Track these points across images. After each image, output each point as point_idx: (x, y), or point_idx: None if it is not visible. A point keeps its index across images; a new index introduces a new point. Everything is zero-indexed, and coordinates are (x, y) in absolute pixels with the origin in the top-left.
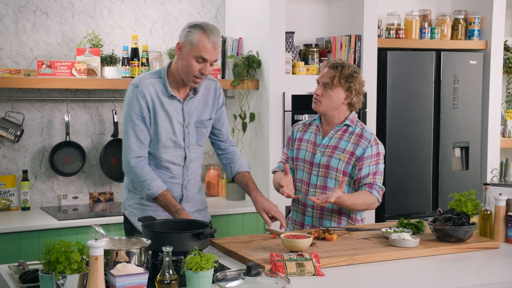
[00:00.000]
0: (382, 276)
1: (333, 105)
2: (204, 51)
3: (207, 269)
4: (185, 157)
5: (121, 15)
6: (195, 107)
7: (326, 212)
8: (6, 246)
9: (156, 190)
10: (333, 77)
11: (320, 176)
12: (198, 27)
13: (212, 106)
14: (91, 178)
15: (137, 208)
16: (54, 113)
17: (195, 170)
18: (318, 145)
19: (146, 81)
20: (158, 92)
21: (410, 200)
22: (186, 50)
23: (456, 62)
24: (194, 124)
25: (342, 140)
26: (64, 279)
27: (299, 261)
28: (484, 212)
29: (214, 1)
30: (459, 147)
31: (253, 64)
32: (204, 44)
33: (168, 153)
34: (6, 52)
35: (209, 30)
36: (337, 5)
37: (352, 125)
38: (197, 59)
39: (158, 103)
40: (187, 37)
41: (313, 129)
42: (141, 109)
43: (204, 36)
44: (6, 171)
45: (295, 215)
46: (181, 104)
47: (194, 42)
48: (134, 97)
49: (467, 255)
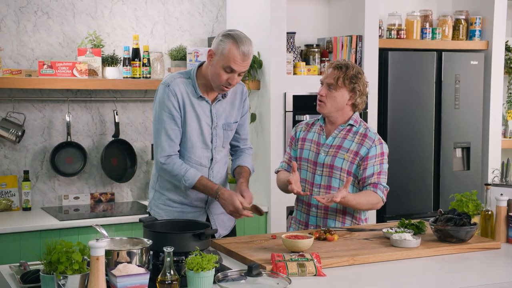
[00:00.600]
0: (384, 277)
1: (337, 106)
2: (233, 62)
3: (208, 269)
4: (212, 158)
5: (122, 15)
6: (222, 109)
7: (331, 212)
8: (7, 247)
9: (192, 179)
10: (338, 78)
11: (324, 176)
12: (230, 37)
13: (238, 109)
14: (92, 179)
15: (163, 209)
16: (55, 113)
17: (219, 171)
18: (322, 145)
19: (177, 80)
20: (188, 92)
21: (411, 201)
22: (216, 58)
23: (457, 63)
24: (222, 127)
25: (346, 139)
26: (65, 279)
27: (300, 262)
28: (485, 212)
29: (215, 1)
30: (460, 148)
31: (254, 65)
32: (234, 55)
33: (196, 153)
34: (7, 52)
35: (241, 41)
36: (338, 6)
37: (356, 124)
38: (225, 69)
39: (188, 102)
40: (218, 45)
41: (316, 128)
42: (172, 107)
43: (235, 47)
44: (7, 172)
45: (299, 214)
46: (209, 105)
47: (224, 52)
48: (166, 96)
49: (468, 256)
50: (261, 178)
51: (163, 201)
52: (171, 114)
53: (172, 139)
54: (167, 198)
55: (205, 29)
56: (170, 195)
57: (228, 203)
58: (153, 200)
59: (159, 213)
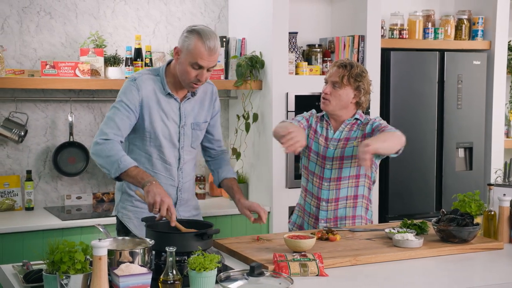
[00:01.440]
0: (386, 277)
1: (341, 104)
2: (200, 58)
3: (211, 269)
4: (179, 158)
5: (124, 15)
6: (191, 108)
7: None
8: (10, 246)
9: (128, 163)
10: (343, 76)
11: (334, 169)
12: (195, 33)
13: (207, 110)
14: (94, 179)
15: (131, 211)
16: (57, 113)
17: (189, 173)
18: (329, 139)
19: (145, 76)
20: (155, 89)
21: (414, 201)
22: (182, 56)
23: (459, 63)
24: (190, 126)
25: (352, 131)
26: (68, 279)
27: (303, 262)
28: (488, 212)
29: (217, 1)
30: (462, 148)
31: (256, 65)
32: (200, 51)
33: (165, 152)
34: (10, 52)
35: (206, 36)
36: (341, 6)
37: (361, 118)
38: (192, 65)
39: (155, 100)
40: (184, 42)
41: (323, 124)
42: (132, 101)
43: (200, 42)
44: (10, 171)
45: (308, 206)
46: (178, 103)
47: (190, 48)
48: (128, 89)
49: (471, 256)
50: (264, 178)
51: (132, 203)
52: (127, 106)
53: (119, 129)
54: (136, 199)
55: None
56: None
57: (157, 194)
58: (120, 203)
59: (127, 215)
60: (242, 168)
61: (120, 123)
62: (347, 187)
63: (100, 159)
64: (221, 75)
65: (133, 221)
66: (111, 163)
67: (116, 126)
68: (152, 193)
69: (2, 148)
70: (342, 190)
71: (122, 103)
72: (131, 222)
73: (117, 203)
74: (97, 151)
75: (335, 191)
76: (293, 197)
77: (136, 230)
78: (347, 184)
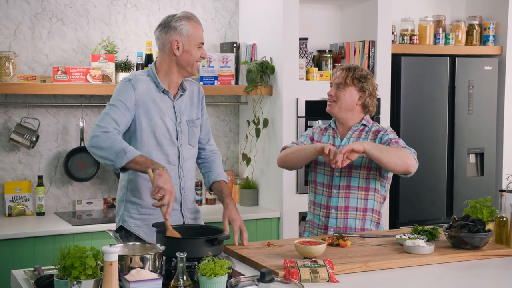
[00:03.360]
0: (396, 283)
1: (347, 105)
2: (200, 36)
3: (221, 275)
4: (179, 155)
5: (135, 21)
6: (184, 105)
7: (351, 212)
8: (22, 251)
9: (134, 152)
10: (346, 77)
11: (343, 177)
12: (184, 19)
13: (197, 107)
14: (105, 184)
15: (138, 219)
16: (69, 119)
17: (189, 172)
18: (337, 147)
19: (139, 77)
20: (150, 89)
21: (425, 207)
22: (185, 43)
23: (470, 68)
24: (186, 123)
25: (360, 138)
26: (79, 284)
27: (313, 268)
28: (499, 219)
29: (228, 7)
30: (474, 153)
31: (266, 70)
32: (199, 30)
33: (164, 150)
34: (22, 58)
35: (192, 16)
36: (351, 11)
37: (369, 124)
38: (198, 46)
39: (151, 99)
40: (180, 32)
41: (329, 132)
42: (128, 99)
43: (194, 23)
44: (22, 177)
45: (317, 218)
46: (172, 101)
47: (190, 32)
48: (124, 89)
49: (482, 263)
50: (274, 183)
51: (138, 210)
52: (124, 104)
53: (117, 123)
54: (142, 206)
55: (217, 35)
56: (144, 202)
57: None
58: (125, 212)
59: (135, 223)
60: (252, 173)
61: (117, 118)
62: (356, 198)
63: (101, 151)
64: (231, 80)
65: (142, 229)
66: (115, 153)
67: (113, 120)
68: (163, 178)
69: (14, 154)
70: (352, 199)
71: (119, 101)
72: (141, 230)
73: (121, 214)
74: (97, 143)
75: (344, 199)
76: (303, 203)
77: (147, 237)
78: (356, 195)
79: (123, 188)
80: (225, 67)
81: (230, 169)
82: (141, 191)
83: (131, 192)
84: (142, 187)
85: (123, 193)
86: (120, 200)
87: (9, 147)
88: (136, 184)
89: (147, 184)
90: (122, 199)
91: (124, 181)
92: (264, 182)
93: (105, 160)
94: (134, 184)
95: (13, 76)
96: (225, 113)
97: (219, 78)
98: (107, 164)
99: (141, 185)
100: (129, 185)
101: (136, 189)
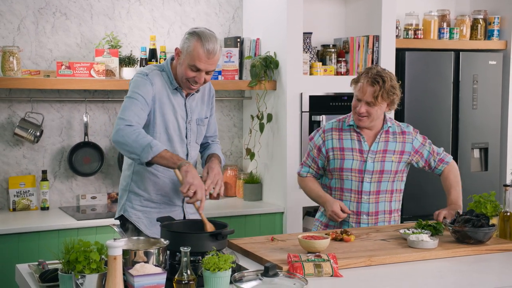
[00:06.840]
0: (400, 278)
1: (377, 117)
2: (198, 60)
3: (225, 269)
4: (187, 153)
5: (139, 16)
6: (195, 104)
7: (380, 216)
8: (26, 246)
9: (159, 146)
10: (377, 95)
11: (373, 182)
12: (195, 35)
13: (207, 105)
14: (109, 178)
15: (140, 210)
16: (73, 113)
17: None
18: (366, 152)
19: (154, 72)
20: (164, 84)
21: (429, 201)
22: (182, 57)
23: (475, 63)
24: (195, 121)
25: (389, 142)
26: (83, 278)
27: (317, 262)
28: (503, 213)
29: (232, 2)
30: (478, 148)
31: (270, 65)
32: (198, 53)
33: (174, 147)
34: (26, 53)
35: (205, 38)
36: (355, 6)
37: (390, 124)
38: (191, 67)
39: (165, 94)
40: (184, 44)
41: (350, 135)
42: (147, 94)
43: (199, 44)
44: (26, 171)
45: (347, 225)
46: (184, 99)
47: (189, 50)
48: (143, 83)
49: (486, 257)
50: (278, 178)
51: (141, 202)
52: (143, 98)
53: (139, 117)
54: (145, 199)
55: (221, 30)
56: (147, 194)
57: (196, 177)
58: (127, 202)
59: (137, 214)
60: (256, 168)
61: (138, 112)
62: (384, 201)
63: (126, 145)
64: (235, 75)
65: (143, 221)
66: (141, 147)
67: (135, 114)
68: (191, 174)
69: (18, 148)
70: (381, 203)
71: (138, 95)
72: (141, 222)
73: (123, 203)
74: (122, 137)
75: (374, 204)
76: (307, 198)
77: (147, 230)
78: (384, 199)
79: (127, 178)
80: (229, 62)
81: (234, 164)
82: (145, 183)
83: (135, 183)
84: (147, 179)
85: (126, 183)
86: (123, 190)
87: (13, 141)
88: (141, 176)
89: (153, 177)
90: (125, 189)
91: (129, 171)
92: (268, 176)
93: (130, 154)
94: (139, 176)
95: (17, 71)
96: (229, 108)
97: (223, 73)
98: (133, 158)
99: (146, 177)
100: (134, 176)
101: (141, 181)
